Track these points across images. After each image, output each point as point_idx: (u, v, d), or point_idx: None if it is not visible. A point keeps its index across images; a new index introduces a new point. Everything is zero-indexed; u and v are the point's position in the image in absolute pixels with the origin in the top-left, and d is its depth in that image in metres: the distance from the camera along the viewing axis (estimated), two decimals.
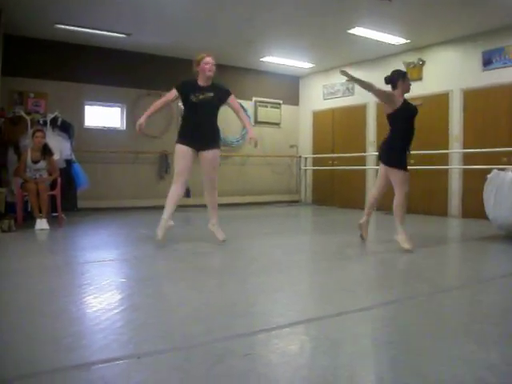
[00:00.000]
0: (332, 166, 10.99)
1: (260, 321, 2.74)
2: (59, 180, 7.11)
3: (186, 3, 7.10)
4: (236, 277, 3.91)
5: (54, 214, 7.14)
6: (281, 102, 11.94)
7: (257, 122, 11.44)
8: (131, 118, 9.48)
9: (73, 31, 8.40)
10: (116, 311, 2.85)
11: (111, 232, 6.78)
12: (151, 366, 2.09)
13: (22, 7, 7.28)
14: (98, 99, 9.61)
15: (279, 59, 10.43)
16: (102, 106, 9.76)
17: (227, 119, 10.99)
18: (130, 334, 2.52)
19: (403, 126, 5.10)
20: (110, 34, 8.57)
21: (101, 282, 3.62)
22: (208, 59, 5.25)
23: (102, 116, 9.78)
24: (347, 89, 10.87)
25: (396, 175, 5.06)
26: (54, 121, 7.83)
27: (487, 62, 8.32)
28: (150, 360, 2.14)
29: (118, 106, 9.92)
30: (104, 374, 1.99)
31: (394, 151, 5.11)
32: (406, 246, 4.97)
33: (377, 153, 5.92)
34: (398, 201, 5.07)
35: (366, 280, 3.97)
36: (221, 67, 10.69)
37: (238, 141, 11.12)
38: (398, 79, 5.16)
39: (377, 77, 9.96)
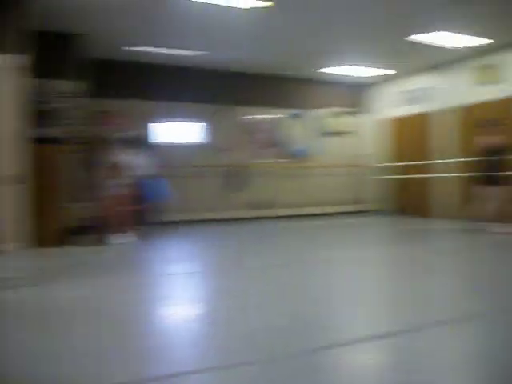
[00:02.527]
0: (402, 174, 10.72)
1: (345, 333, 2.74)
2: (137, 195, 7.36)
3: (254, 20, 7.19)
4: (316, 289, 3.92)
5: (134, 228, 7.33)
6: (350, 110, 11.82)
7: (326, 133, 11.37)
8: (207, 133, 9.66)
9: (144, 52, 8.74)
10: (201, 323, 2.92)
11: (194, 244, 6.93)
12: (239, 377, 2.12)
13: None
14: (165, 116, 9.85)
15: (347, 68, 10.28)
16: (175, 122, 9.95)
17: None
18: (217, 345, 2.58)
19: None
20: (180, 52, 8.82)
21: (186, 295, 3.74)
22: None
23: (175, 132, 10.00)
24: (419, 96, 10.60)
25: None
26: (130, 139, 8.06)
27: None
28: (237, 371, 2.18)
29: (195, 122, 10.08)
30: None
31: None
32: None
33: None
34: None
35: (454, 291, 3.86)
36: (289, 80, 10.89)
37: (302, 152, 11.09)
38: None
39: (448, 81, 9.75)
